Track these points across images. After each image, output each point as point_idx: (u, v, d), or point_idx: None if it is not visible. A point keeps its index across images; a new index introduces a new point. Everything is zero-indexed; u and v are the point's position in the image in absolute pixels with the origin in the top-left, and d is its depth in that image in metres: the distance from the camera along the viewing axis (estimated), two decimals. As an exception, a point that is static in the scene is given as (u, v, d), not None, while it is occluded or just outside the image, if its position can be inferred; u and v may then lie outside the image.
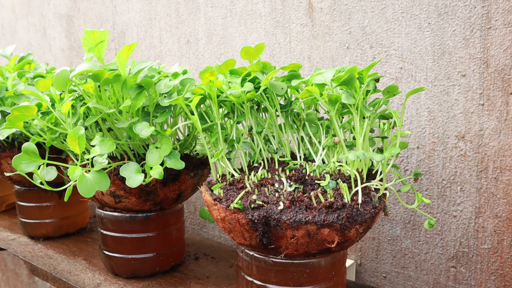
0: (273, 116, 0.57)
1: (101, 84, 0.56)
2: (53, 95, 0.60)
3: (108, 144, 0.55)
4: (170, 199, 0.65)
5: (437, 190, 0.67)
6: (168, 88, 0.57)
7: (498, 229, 0.63)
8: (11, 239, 0.88)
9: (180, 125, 0.61)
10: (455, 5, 0.62)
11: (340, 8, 0.71)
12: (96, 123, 0.62)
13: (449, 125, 0.65)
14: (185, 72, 0.64)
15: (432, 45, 0.64)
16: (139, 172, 0.56)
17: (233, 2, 0.85)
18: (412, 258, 0.71)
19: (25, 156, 0.56)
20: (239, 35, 0.85)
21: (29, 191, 0.85)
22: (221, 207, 0.49)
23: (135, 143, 0.61)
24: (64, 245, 0.84)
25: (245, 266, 0.54)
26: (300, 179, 0.50)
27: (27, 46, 1.38)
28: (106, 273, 0.71)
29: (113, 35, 1.10)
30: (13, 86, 0.74)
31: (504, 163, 0.61)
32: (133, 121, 0.57)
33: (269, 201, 0.48)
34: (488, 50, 0.60)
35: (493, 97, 0.61)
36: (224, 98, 0.57)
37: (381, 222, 0.73)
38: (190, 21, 0.93)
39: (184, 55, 0.95)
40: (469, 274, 0.66)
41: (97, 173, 0.54)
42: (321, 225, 0.45)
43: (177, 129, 0.71)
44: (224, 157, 0.55)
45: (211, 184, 0.54)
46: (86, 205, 0.91)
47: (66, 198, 0.56)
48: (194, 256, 0.78)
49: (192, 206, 0.99)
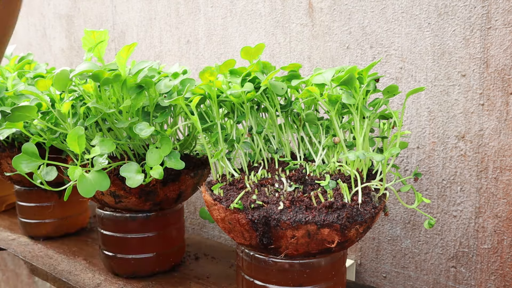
0: (273, 116, 0.57)
1: (101, 84, 0.56)
2: (53, 95, 0.60)
3: (108, 144, 0.55)
4: (170, 199, 0.65)
5: (437, 190, 0.67)
6: (168, 88, 0.57)
7: (498, 229, 0.63)
8: (11, 239, 0.88)
9: (180, 125, 0.61)
10: (455, 5, 0.62)
11: (340, 8, 0.71)
12: (96, 123, 0.62)
13: (449, 125, 0.65)
14: (185, 72, 0.64)
15: (432, 45, 0.64)
16: (139, 172, 0.56)
17: (233, 2, 0.85)
18: (412, 258, 0.71)
19: (25, 156, 0.56)
20: (239, 35, 0.85)
21: (29, 191, 0.85)
22: (221, 207, 0.49)
23: (135, 143, 0.61)
24: (64, 245, 0.84)
25: (245, 266, 0.54)
26: (300, 179, 0.50)
27: (27, 46, 1.38)
28: (106, 273, 0.71)
29: (113, 35, 1.10)
30: (13, 86, 0.74)
31: (504, 163, 0.61)
32: (133, 121, 0.57)
33: (269, 201, 0.48)
34: (488, 50, 0.60)
35: (493, 97, 0.61)
36: (224, 98, 0.57)
37: (381, 222, 0.73)
38: (190, 21, 0.93)
39: (184, 55, 0.95)
40: (469, 274, 0.66)
41: (97, 173, 0.54)
42: (321, 225, 0.45)
43: (177, 129, 0.71)
44: (224, 157, 0.55)
45: (211, 184, 0.54)
46: (86, 205, 0.91)
47: (66, 198, 0.56)
48: (194, 256, 0.78)
49: (192, 206, 0.99)
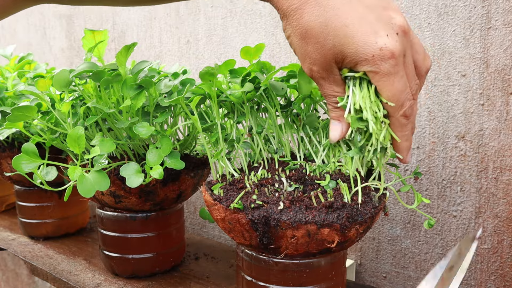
0: (273, 116, 0.57)
1: (101, 84, 0.56)
2: (53, 95, 0.60)
3: (108, 144, 0.55)
4: (170, 199, 0.65)
5: (437, 190, 0.67)
6: (168, 88, 0.57)
7: (498, 229, 0.63)
8: (11, 239, 0.88)
9: (180, 125, 0.61)
10: (455, 5, 0.62)
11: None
12: (96, 123, 0.62)
13: (449, 125, 0.65)
14: (185, 72, 0.64)
15: (432, 45, 0.64)
16: (139, 172, 0.56)
17: (233, 2, 0.85)
18: (412, 258, 0.71)
19: (25, 156, 0.56)
20: (239, 35, 0.85)
21: (29, 191, 0.85)
22: (221, 207, 0.49)
23: (135, 143, 0.61)
24: (64, 245, 0.84)
25: (245, 266, 0.54)
26: (300, 179, 0.50)
27: (27, 46, 1.38)
28: (106, 273, 0.71)
29: (113, 35, 1.10)
30: (13, 86, 0.74)
31: (504, 163, 0.61)
32: (133, 121, 0.57)
33: (269, 201, 0.48)
34: (488, 50, 0.60)
35: (493, 97, 0.61)
36: (224, 98, 0.57)
37: (381, 222, 0.73)
38: (190, 21, 0.93)
39: (184, 55, 0.95)
40: (469, 274, 0.66)
41: (97, 173, 0.54)
42: (321, 225, 0.45)
43: (177, 129, 0.71)
44: (224, 157, 0.55)
45: (211, 184, 0.54)
46: (86, 205, 0.91)
47: (66, 198, 0.56)
48: (194, 256, 0.78)
49: (192, 206, 0.99)
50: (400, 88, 0.42)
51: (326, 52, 0.42)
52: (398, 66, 0.41)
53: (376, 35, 0.40)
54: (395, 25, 0.41)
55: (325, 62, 0.43)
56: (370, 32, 0.40)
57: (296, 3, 0.42)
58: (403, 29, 0.42)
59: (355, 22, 0.40)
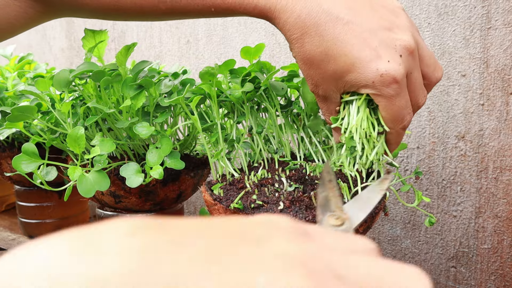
0: (273, 116, 0.57)
1: (101, 84, 0.56)
2: (53, 95, 0.60)
3: (108, 144, 0.55)
4: (170, 199, 0.65)
5: (437, 190, 0.67)
6: (168, 88, 0.57)
7: (498, 229, 0.63)
8: (11, 239, 0.88)
9: (180, 125, 0.61)
10: (455, 5, 0.62)
11: (340, 8, 0.71)
12: (96, 123, 0.62)
13: (449, 125, 0.65)
14: (185, 72, 0.64)
15: (432, 45, 0.64)
16: (139, 172, 0.56)
17: (233, 2, 0.85)
18: (412, 258, 0.71)
19: (25, 156, 0.56)
20: (239, 35, 0.85)
21: (29, 191, 0.85)
22: (221, 207, 0.49)
23: (135, 143, 0.61)
24: (64, 245, 0.84)
25: (245, 266, 0.54)
26: (300, 179, 0.50)
27: (27, 47, 1.38)
28: (106, 273, 0.71)
29: (113, 35, 1.10)
30: (13, 86, 0.74)
31: (504, 163, 0.61)
32: (133, 121, 0.57)
33: (269, 201, 0.48)
34: (488, 50, 0.60)
35: (493, 97, 0.61)
36: (224, 98, 0.57)
37: (381, 222, 0.73)
38: (190, 21, 0.93)
39: (184, 55, 0.95)
40: (469, 274, 0.66)
41: (97, 173, 0.54)
42: (321, 225, 0.45)
43: (177, 129, 0.71)
44: (224, 157, 0.55)
45: (211, 184, 0.54)
46: (86, 205, 0.91)
47: (66, 198, 0.56)
48: (194, 256, 0.78)
49: (192, 206, 0.99)
50: (401, 106, 0.42)
51: (328, 78, 0.43)
52: (401, 88, 0.41)
53: (377, 61, 0.41)
54: (399, 47, 0.41)
55: (326, 87, 0.44)
56: (370, 59, 0.41)
57: (297, 33, 0.43)
58: (407, 48, 0.41)
59: (355, 50, 0.41)
